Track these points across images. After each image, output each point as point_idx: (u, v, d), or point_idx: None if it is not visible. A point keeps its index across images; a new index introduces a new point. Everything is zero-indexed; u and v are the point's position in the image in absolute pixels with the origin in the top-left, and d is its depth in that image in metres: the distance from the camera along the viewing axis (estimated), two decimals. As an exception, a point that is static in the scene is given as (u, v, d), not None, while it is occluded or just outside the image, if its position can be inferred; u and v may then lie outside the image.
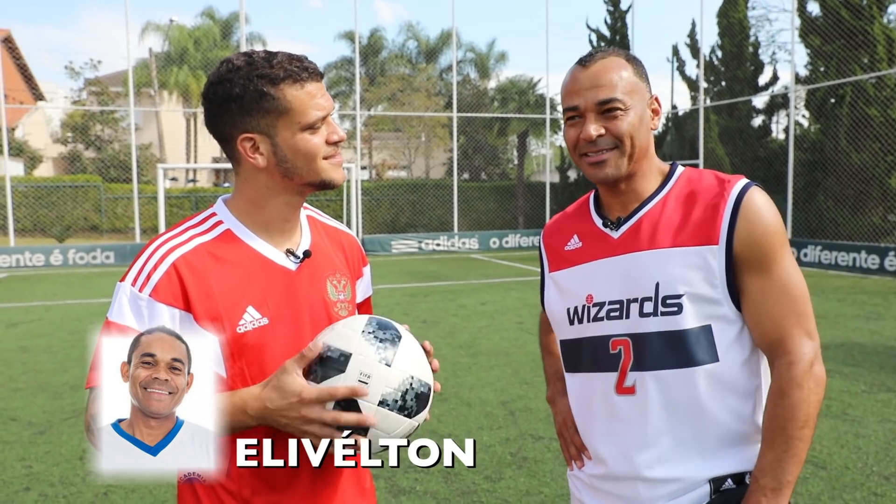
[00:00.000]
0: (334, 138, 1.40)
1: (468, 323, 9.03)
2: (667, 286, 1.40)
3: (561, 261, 1.60)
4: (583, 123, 1.45)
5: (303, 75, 1.35)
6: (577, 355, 1.55)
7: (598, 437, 1.51)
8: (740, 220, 1.38)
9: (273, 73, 1.33)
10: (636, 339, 1.43)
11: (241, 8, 19.06)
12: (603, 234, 1.52)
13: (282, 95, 1.34)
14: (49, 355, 7.41)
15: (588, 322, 1.50)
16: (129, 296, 1.31)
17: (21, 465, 4.36)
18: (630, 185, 1.49)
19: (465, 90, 27.61)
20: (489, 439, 4.66)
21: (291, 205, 1.45)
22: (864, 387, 5.77)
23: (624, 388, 1.45)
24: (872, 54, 15.87)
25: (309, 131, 1.36)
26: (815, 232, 16.62)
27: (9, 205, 17.94)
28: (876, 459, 4.23)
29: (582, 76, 1.45)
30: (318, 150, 1.38)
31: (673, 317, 1.39)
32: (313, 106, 1.36)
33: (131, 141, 19.82)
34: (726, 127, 20.04)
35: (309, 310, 1.43)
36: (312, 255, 1.48)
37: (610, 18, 23.48)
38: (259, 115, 1.34)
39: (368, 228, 22.67)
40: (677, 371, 1.40)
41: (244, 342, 1.34)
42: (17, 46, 30.73)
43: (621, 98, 1.42)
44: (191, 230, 1.41)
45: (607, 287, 1.48)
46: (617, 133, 1.42)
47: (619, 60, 1.46)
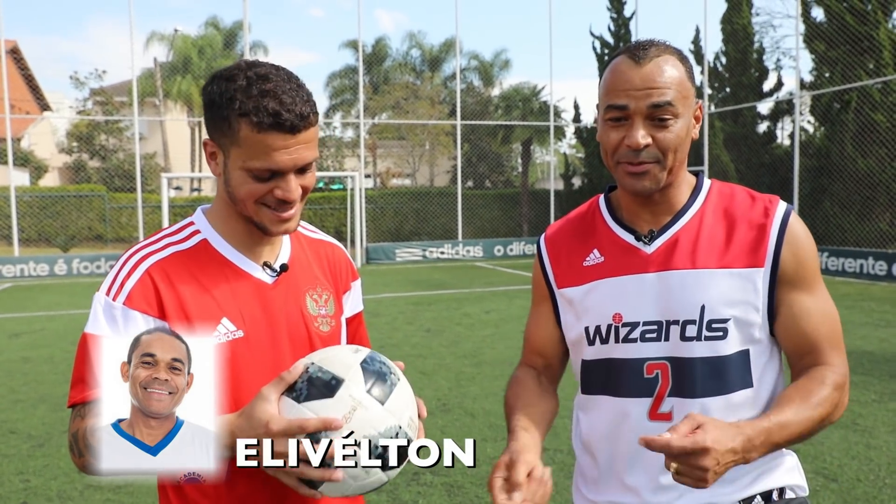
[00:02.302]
0: (278, 194, 1.30)
1: (472, 332, 8.97)
2: (712, 309, 1.33)
3: (575, 276, 1.47)
4: (628, 128, 1.31)
5: (266, 122, 1.23)
6: (601, 377, 1.44)
7: (625, 465, 1.42)
8: (786, 243, 1.34)
9: (243, 103, 1.24)
10: (676, 363, 1.35)
11: (244, 17, 19.14)
12: (632, 247, 1.41)
13: (238, 128, 1.26)
14: (51, 366, 7.38)
15: (616, 343, 1.39)
16: (104, 305, 1.30)
17: (19, 478, 4.31)
18: (664, 195, 1.39)
19: (469, 98, 27.65)
20: (493, 451, 4.59)
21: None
22: (874, 396, 5.67)
23: (659, 413, 1.37)
24: (878, 59, 15.80)
25: (252, 175, 1.29)
26: (821, 238, 16.50)
27: (13, 214, 17.99)
28: (888, 472, 4.15)
29: (634, 73, 1.30)
30: (251, 195, 1.31)
31: (717, 342, 1.33)
32: (266, 159, 1.26)
33: (135, 150, 19.90)
34: (731, 133, 19.98)
35: (286, 324, 1.40)
36: (291, 269, 1.44)
37: (613, 25, 23.47)
38: (219, 133, 1.30)
39: (372, 237, 22.65)
40: (717, 398, 1.34)
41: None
42: (23, 57, 30.91)
43: (675, 104, 1.30)
44: (167, 238, 1.40)
45: (641, 306, 1.37)
46: (664, 146, 1.31)
47: (673, 59, 1.33)
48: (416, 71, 30.37)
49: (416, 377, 6.49)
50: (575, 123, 25.23)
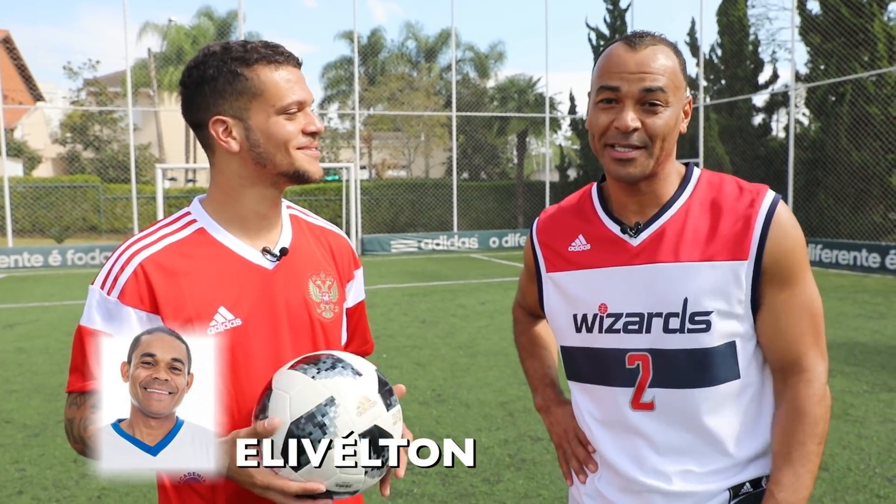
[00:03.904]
0: (311, 128, 1.35)
1: (467, 323, 8.99)
2: (695, 302, 1.33)
3: (562, 262, 1.49)
4: (619, 110, 1.32)
5: (278, 58, 1.32)
6: (585, 365, 1.46)
7: (611, 449, 1.44)
8: (771, 235, 1.32)
9: (247, 56, 1.30)
10: (657, 354, 1.36)
11: (239, 7, 19.02)
12: (618, 239, 1.41)
13: (255, 76, 1.31)
14: (45, 356, 7.38)
15: (600, 332, 1.41)
16: (98, 299, 1.30)
17: (14, 468, 4.32)
18: (650, 186, 1.38)
19: (465, 89, 27.57)
20: (487, 441, 4.62)
21: (267, 198, 1.39)
22: (865, 387, 5.72)
23: (641, 403, 1.38)
24: (873, 52, 15.83)
25: (283, 116, 1.32)
26: (815, 230, 16.56)
27: (7, 205, 17.90)
28: (879, 461, 4.19)
29: (629, 58, 1.31)
30: (290, 136, 1.33)
31: (700, 334, 1.33)
32: (288, 90, 1.32)
33: (130, 141, 19.79)
34: (726, 125, 19.99)
35: (287, 311, 1.39)
36: (292, 254, 1.42)
37: (609, 17, 23.41)
38: (232, 98, 1.31)
39: (368, 228, 22.63)
40: (700, 389, 1.35)
41: (216, 345, 1.29)
42: (15, 47, 30.68)
43: (666, 91, 1.31)
44: (162, 229, 1.38)
45: (625, 298, 1.39)
46: (652, 131, 1.31)
47: (668, 50, 1.34)
48: (412, 62, 30.26)
49: (412, 368, 6.51)
50: (570, 115, 25.24)
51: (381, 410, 1.21)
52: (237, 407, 1.32)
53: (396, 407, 1.26)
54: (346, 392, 1.19)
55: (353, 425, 1.17)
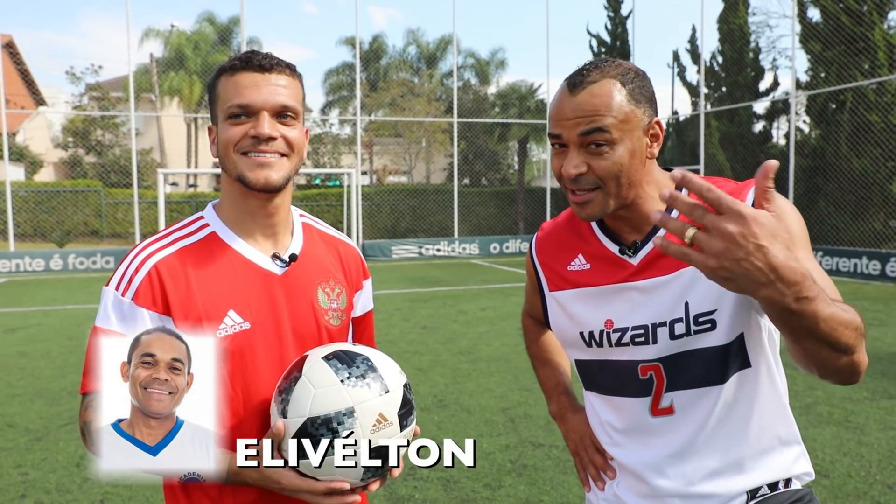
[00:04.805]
0: (252, 132, 1.32)
1: (468, 329, 9.00)
2: (697, 305, 1.34)
3: (563, 281, 1.50)
4: (565, 155, 1.31)
5: (236, 64, 1.34)
6: (601, 377, 1.48)
7: (632, 455, 1.46)
8: None
9: (225, 65, 1.36)
10: (668, 362, 1.37)
11: (241, 12, 19.09)
12: (617, 259, 1.42)
13: (219, 84, 1.36)
14: (47, 361, 7.38)
15: (611, 346, 1.43)
16: (113, 300, 1.32)
17: (17, 472, 4.33)
18: (631, 211, 1.38)
19: (466, 96, 27.61)
20: (489, 446, 4.63)
21: (252, 204, 1.40)
22: (866, 394, 5.72)
23: (660, 409, 1.40)
24: (873, 60, 15.87)
25: (229, 120, 1.34)
26: (815, 238, 16.57)
27: (9, 209, 17.92)
28: (879, 468, 4.20)
29: (566, 103, 1.30)
30: (230, 140, 1.34)
31: (707, 334, 1.34)
32: (234, 94, 1.33)
33: (132, 146, 19.81)
34: (727, 132, 20.03)
35: (293, 316, 1.41)
36: (302, 261, 1.45)
37: (610, 24, 23.51)
38: (212, 108, 1.40)
39: (369, 234, 22.65)
40: (716, 386, 1.36)
41: (225, 347, 1.31)
42: (18, 51, 30.76)
43: (608, 130, 1.27)
44: (176, 233, 1.41)
45: (629, 313, 1.40)
46: (600, 173, 1.29)
47: (611, 84, 1.28)
48: (414, 68, 30.33)
49: (413, 374, 6.51)
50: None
51: (394, 431, 1.25)
52: (243, 410, 1.34)
53: (411, 426, 1.29)
54: (368, 408, 1.22)
55: (363, 439, 1.21)
